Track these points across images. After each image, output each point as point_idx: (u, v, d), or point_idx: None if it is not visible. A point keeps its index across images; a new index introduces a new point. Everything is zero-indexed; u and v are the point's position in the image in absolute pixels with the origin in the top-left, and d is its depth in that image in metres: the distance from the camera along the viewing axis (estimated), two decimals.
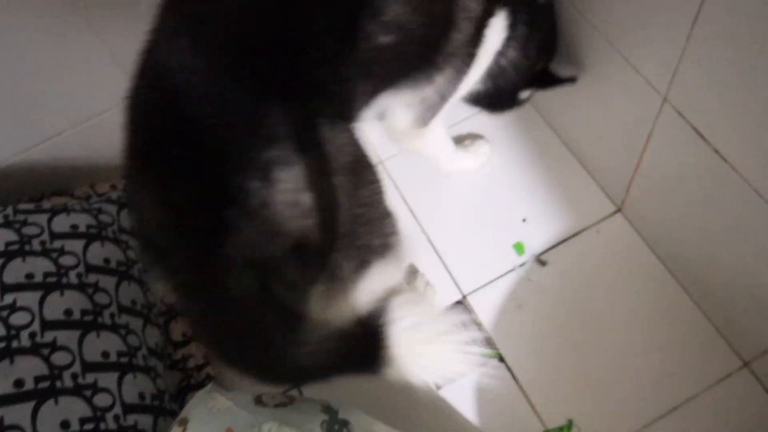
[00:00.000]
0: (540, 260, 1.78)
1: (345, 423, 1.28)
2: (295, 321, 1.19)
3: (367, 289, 1.27)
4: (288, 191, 1.08)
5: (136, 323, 1.45)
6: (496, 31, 1.44)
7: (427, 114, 1.55)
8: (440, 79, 1.44)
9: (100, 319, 1.36)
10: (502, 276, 1.78)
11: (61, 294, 1.33)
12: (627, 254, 1.77)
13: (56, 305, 1.31)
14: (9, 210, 1.43)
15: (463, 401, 1.65)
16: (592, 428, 1.58)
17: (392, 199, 1.88)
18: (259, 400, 1.27)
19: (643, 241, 1.77)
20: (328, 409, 1.29)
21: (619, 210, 1.83)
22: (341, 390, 1.61)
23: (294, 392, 1.61)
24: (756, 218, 1.31)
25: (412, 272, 1.77)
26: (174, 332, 1.70)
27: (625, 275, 1.74)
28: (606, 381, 1.63)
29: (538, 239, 1.80)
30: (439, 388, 1.66)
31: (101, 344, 1.33)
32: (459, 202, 1.93)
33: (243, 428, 1.18)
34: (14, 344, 1.20)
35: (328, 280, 1.21)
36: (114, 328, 1.38)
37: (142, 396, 1.37)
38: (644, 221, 1.76)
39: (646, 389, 1.61)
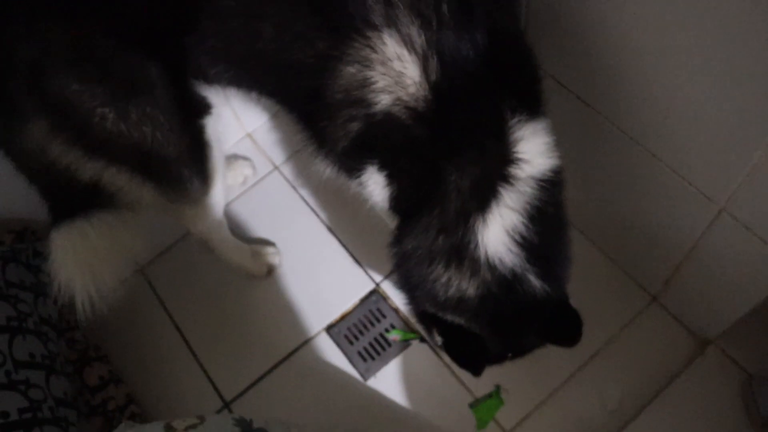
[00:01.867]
0: None
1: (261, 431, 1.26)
2: None
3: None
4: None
5: (37, 376, 1.40)
6: (375, 183, 1.22)
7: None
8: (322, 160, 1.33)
9: None
10: None
11: None
12: None
13: None
14: None
15: (391, 388, 1.65)
16: (519, 389, 1.60)
17: (295, 203, 1.89)
18: (169, 427, 1.24)
19: None
20: (241, 422, 1.27)
21: None
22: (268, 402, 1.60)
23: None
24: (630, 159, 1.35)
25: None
26: (89, 378, 1.65)
27: None
28: None
29: None
30: (366, 378, 1.66)
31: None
32: (358, 198, 1.92)
33: None
34: None
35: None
36: (11, 385, 1.33)
37: None
38: None
39: None
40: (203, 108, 1.34)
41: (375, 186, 1.21)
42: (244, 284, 1.82)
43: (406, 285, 1.29)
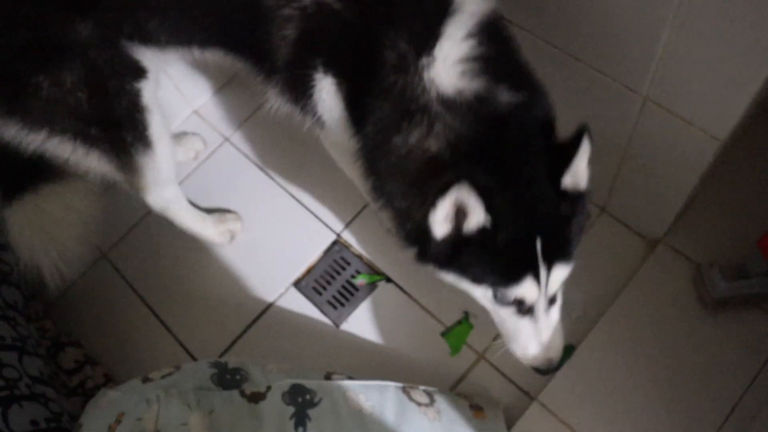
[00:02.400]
0: None
1: (237, 370, 1.30)
2: None
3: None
4: None
5: (9, 357, 1.41)
6: (326, 94, 1.20)
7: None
8: (277, 94, 1.32)
9: None
10: (365, 207, 1.83)
11: None
12: None
13: None
14: None
15: (364, 329, 1.69)
16: (484, 310, 1.65)
17: (249, 171, 1.91)
18: (146, 379, 1.27)
19: None
20: (217, 364, 1.30)
21: None
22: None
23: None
24: None
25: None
26: (64, 362, 1.66)
27: None
28: None
29: None
30: (339, 325, 1.70)
31: None
32: (310, 153, 1.95)
33: (132, 408, 1.18)
34: None
35: None
36: None
37: (35, 422, 1.33)
38: None
39: None
40: (138, 71, 1.34)
41: (328, 96, 1.19)
42: (208, 254, 1.85)
43: (381, 189, 1.19)
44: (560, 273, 1.13)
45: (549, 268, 1.11)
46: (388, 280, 1.74)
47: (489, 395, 1.56)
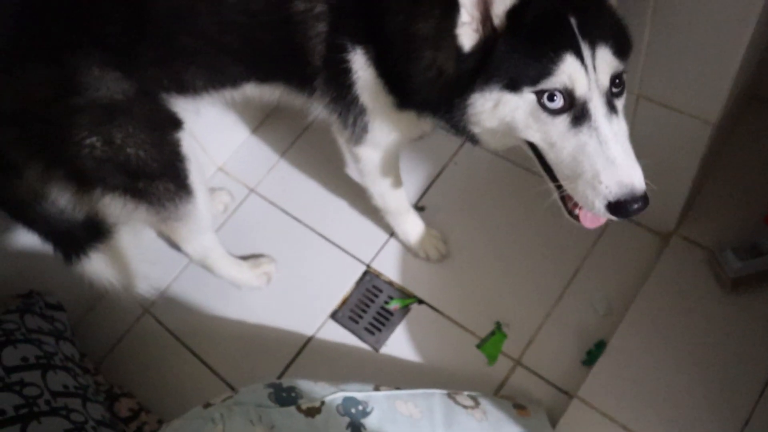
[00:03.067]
0: (418, 207, 1.95)
1: (291, 389, 1.37)
2: None
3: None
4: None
5: (74, 403, 1.49)
6: (360, 67, 1.27)
7: (355, 134, 1.46)
8: (318, 100, 1.41)
9: (36, 408, 1.40)
10: (391, 235, 1.93)
11: None
12: (483, 173, 1.97)
13: None
14: None
15: (403, 350, 1.77)
16: (517, 320, 1.73)
17: (276, 216, 2.02)
18: (207, 405, 1.34)
19: (490, 153, 1.98)
20: (272, 384, 1.38)
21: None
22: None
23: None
24: None
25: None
26: (121, 411, 1.74)
27: (492, 189, 1.93)
28: (509, 277, 1.80)
29: (410, 190, 1.96)
30: (378, 349, 1.78)
31: (45, 428, 1.37)
32: (332, 193, 2.08)
33: (198, 429, 1.25)
34: None
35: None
36: (53, 411, 1.42)
37: None
38: None
39: (545, 268, 1.78)
40: (176, 122, 1.47)
41: (362, 70, 1.26)
42: (246, 297, 1.94)
43: (440, 106, 1.17)
44: (606, 57, 1.03)
45: (593, 49, 1.02)
46: (420, 302, 1.82)
47: (531, 396, 1.62)
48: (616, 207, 1.04)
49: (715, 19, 1.13)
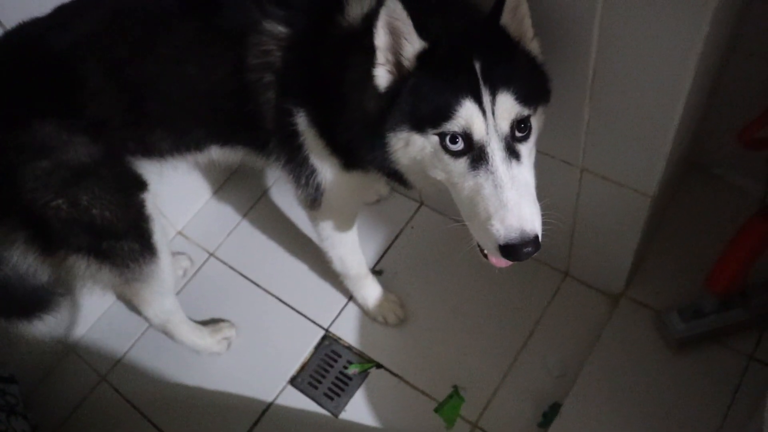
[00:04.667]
0: (376, 271, 1.98)
1: None
2: None
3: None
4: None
5: None
6: (305, 129, 1.34)
7: (309, 196, 1.49)
8: (275, 162, 1.47)
9: None
10: (350, 300, 1.96)
11: None
12: (439, 237, 2.01)
13: None
14: None
15: (362, 416, 1.78)
16: (473, 383, 1.76)
17: (235, 280, 2.04)
18: None
19: (445, 217, 2.03)
20: None
21: (421, 204, 2.09)
22: None
23: None
24: None
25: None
26: None
27: (448, 253, 1.98)
28: (466, 340, 1.84)
29: (368, 254, 1.99)
30: (337, 415, 1.78)
31: None
32: (292, 256, 2.10)
33: None
34: None
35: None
36: None
37: None
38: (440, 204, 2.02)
39: (501, 331, 1.82)
40: (141, 184, 1.49)
41: (306, 130, 1.33)
42: (205, 363, 1.93)
43: (367, 149, 1.20)
44: (506, 102, 1.05)
45: (493, 95, 1.05)
46: (379, 366, 1.84)
47: None
48: (507, 250, 1.06)
49: (647, 100, 1.22)
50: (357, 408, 1.79)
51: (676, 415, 1.60)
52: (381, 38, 1.06)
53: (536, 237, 1.06)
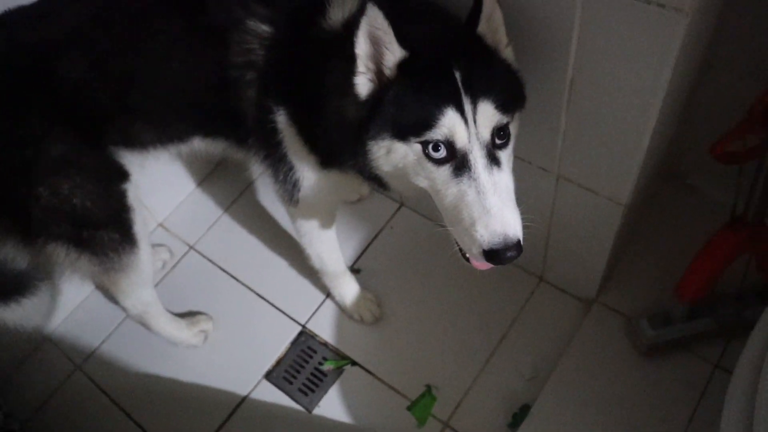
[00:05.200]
0: (354, 269, 2.00)
1: None
2: None
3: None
4: None
5: None
6: (284, 126, 1.36)
7: (287, 192, 1.51)
8: (254, 156, 1.49)
9: None
10: (327, 296, 1.98)
11: None
12: (418, 238, 2.05)
13: None
14: None
15: (335, 412, 1.80)
16: (446, 383, 1.79)
17: (214, 274, 2.05)
18: None
19: (425, 219, 2.06)
20: None
21: (401, 205, 2.12)
22: None
23: None
24: None
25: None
26: None
27: (425, 254, 2.00)
28: (440, 341, 1.86)
29: (346, 252, 2.01)
30: (311, 410, 1.80)
31: None
32: (272, 252, 2.12)
33: None
34: None
35: None
36: None
37: None
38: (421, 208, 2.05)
39: (475, 332, 1.85)
40: (123, 174, 1.50)
41: (285, 128, 1.34)
42: (181, 355, 1.94)
43: (347, 154, 1.22)
44: (487, 111, 1.08)
45: (474, 103, 1.07)
46: (354, 363, 1.86)
47: None
48: (491, 254, 1.08)
49: (621, 112, 1.25)
50: (331, 404, 1.81)
51: (643, 419, 1.63)
52: (362, 47, 1.07)
53: (519, 241, 1.09)
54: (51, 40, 1.32)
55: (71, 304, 2.07)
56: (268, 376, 1.88)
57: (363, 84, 1.11)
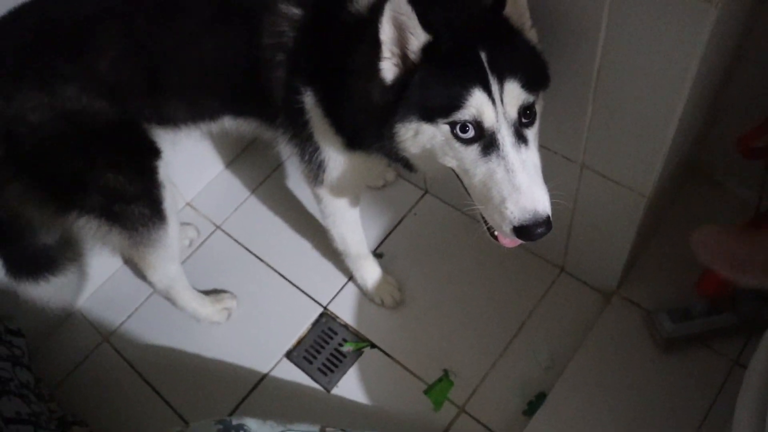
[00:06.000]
0: (377, 254, 2.03)
1: (240, 426, 1.42)
2: None
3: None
4: None
5: (26, 430, 1.52)
6: (311, 107, 1.38)
7: (312, 172, 1.54)
8: (282, 136, 1.52)
9: None
10: (349, 279, 2.01)
11: None
12: (440, 225, 2.06)
13: None
14: None
15: (353, 392, 1.83)
16: (463, 368, 1.81)
17: (240, 254, 2.09)
18: None
19: (448, 206, 2.08)
20: (221, 421, 1.43)
21: (426, 192, 2.14)
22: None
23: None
24: None
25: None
26: None
27: (448, 241, 2.03)
28: (459, 327, 1.88)
29: (370, 237, 2.04)
30: (329, 390, 1.84)
31: None
32: (296, 233, 2.15)
33: None
34: None
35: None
36: None
37: None
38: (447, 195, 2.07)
39: (494, 319, 1.87)
40: (155, 151, 1.55)
41: (312, 109, 1.36)
42: (205, 332, 1.99)
43: (373, 137, 1.24)
44: (514, 90, 1.09)
45: (500, 83, 1.09)
46: (373, 345, 1.89)
47: None
48: (521, 231, 1.10)
49: (647, 103, 1.25)
50: (349, 385, 1.84)
51: (658, 412, 1.63)
52: (386, 33, 1.09)
53: (548, 217, 1.11)
54: (89, 16, 1.36)
55: (100, 279, 2.13)
56: (289, 355, 1.92)
57: (388, 69, 1.14)
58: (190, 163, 2.18)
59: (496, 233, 1.21)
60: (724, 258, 0.42)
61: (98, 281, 2.13)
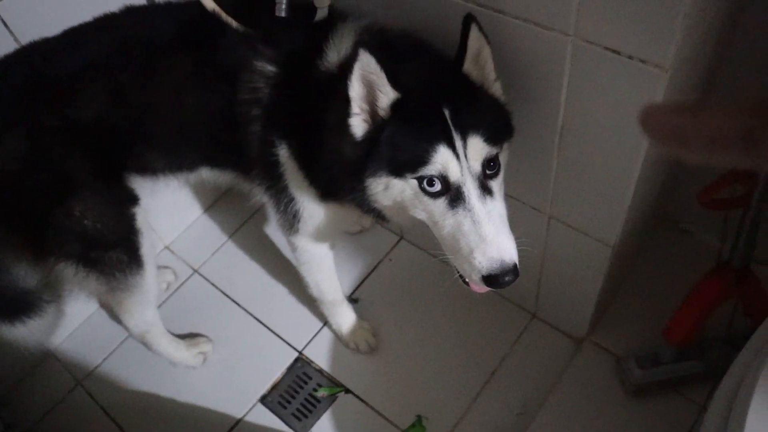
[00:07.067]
0: (352, 299, 2.05)
1: None
2: None
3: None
4: None
5: None
6: (285, 160, 1.42)
7: (288, 222, 1.57)
8: (258, 187, 1.56)
9: None
10: (324, 325, 2.03)
11: None
12: (415, 270, 2.10)
13: None
14: None
15: None
16: (437, 414, 1.82)
17: (217, 298, 2.10)
18: None
19: (423, 252, 2.11)
20: None
21: (401, 237, 2.17)
22: None
23: None
24: None
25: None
26: None
27: (423, 287, 2.05)
28: (433, 372, 1.90)
29: (345, 282, 2.07)
30: None
31: None
32: (273, 278, 2.17)
33: None
34: None
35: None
36: None
37: None
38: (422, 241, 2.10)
39: (467, 365, 1.89)
40: (133, 198, 1.57)
41: (286, 161, 1.41)
42: (180, 376, 1.99)
43: (346, 190, 1.27)
44: (477, 144, 1.13)
45: (464, 139, 1.12)
46: (347, 391, 1.90)
47: None
48: (490, 279, 1.13)
49: (609, 158, 1.30)
50: (323, 430, 1.85)
51: None
52: (356, 90, 1.13)
53: (515, 265, 1.14)
54: (75, 70, 1.40)
55: (76, 321, 2.13)
56: (263, 400, 1.92)
57: (358, 125, 1.18)
58: (170, 207, 2.20)
59: (467, 280, 1.25)
60: (671, 132, 0.45)
61: (74, 324, 2.13)
